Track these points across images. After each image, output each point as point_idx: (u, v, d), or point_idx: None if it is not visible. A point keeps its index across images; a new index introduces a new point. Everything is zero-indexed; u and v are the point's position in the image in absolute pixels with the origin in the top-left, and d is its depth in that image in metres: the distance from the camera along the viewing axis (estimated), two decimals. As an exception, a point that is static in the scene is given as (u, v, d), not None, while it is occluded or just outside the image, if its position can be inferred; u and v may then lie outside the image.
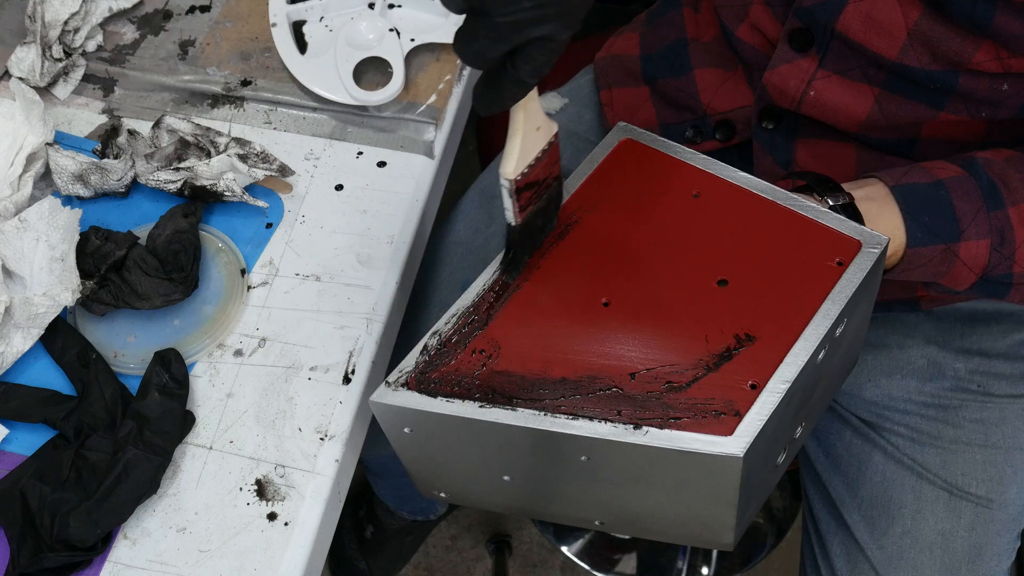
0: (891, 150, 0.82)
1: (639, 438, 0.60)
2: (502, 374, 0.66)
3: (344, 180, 0.89)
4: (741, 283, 0.67)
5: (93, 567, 0.72)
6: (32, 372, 0.80)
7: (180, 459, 0.76)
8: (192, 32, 0.98)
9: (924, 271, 0.73)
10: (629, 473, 0.64)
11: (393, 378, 0.68)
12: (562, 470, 0.66)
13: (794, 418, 0.67)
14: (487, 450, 0.68)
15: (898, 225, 0.72)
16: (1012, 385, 0.90)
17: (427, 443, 0.70)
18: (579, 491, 0.68)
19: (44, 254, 0.81)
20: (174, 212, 0.84)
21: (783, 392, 0.61)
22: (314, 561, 0.74)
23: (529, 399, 0.64)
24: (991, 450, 0.89)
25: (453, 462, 0.71)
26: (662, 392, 0.62)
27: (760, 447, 0.60)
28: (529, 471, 0.68)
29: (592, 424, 0.62)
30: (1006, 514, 0.89)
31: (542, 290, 0.70)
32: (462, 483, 0.73)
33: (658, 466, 0.62)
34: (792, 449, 0.70)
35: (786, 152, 0.85)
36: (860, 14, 0.75)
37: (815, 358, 0.63)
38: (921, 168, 0.74)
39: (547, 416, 0.63)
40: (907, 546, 0.89)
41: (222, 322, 0.81)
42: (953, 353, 0.91)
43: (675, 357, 0.64)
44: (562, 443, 0.63)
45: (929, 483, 0.89)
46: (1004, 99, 0.74)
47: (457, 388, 0.66)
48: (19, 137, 0.87)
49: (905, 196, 0.72)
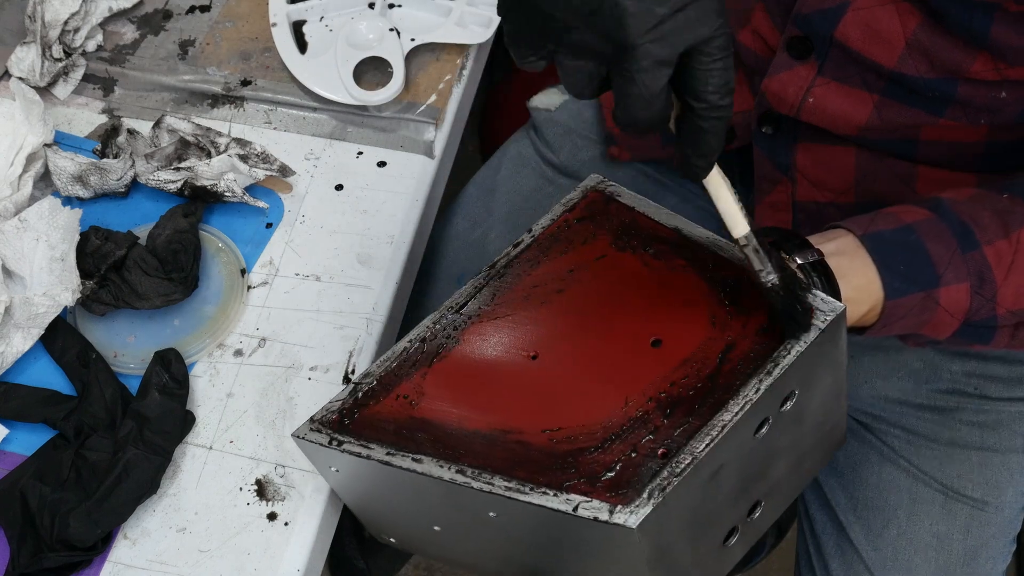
0: (891, 151, 0.82)
1: (534, 498, 0.57)
2: (420, 421, 0.65)
3: (344, 180, 0.89)
4: (675, 344, 0.63)
5: (93, 567, 0.72)
6: (32, 372, 0.80)
7: (180, 459, 0.76)
8: (192, 32, 0.98)
9: (905, 323, 0.70)
10: (541, 535, 0.61)
11: (318, 415, 0.68)
12: (479, 524, 0.63)
13: (738, 496, 0.62)
14: (409, 498, 0.66)
15: (873, 279, 0.68)
16: (1008, 388, 0.90)
17: (356, 484, 0.69)
18: (505, 548, 0.66)
19: (44, 254, 0.81)
20: (174, 212, 0.84)
21: (692, 464, 0.56)
22: (314, 561, 0.74)
23: (439, 449, 0.62)
24: (987, 453, 0.89)
25: (386, 507, 0.70)
26: (569, 452, 0.59)
27: (671, 523, 0.56)
28: (453, 523, 0.66)
29: (491, 479, 0.59)
30: (1002, 517, 0.90)
31: (479, 339, 0.68)
32: (402, 529, 0.72)
33: (564, 531, 0.59)
34: (750, 531, 0.65)
35: (786, 156, 0.85)
36: (859, 23, 0.75)
37: (746, 432, 0.59)
38: (887, 214, 0.71)
39: (448, 468, 0.60)
40: (902, 548, 0.89)
41: (222, 322, 0.81)
42: (949, 355, 0.91)
43: (590, 417, 0.60)
44: (469, 498, 0.60)
45: (925, 485, 0.89)
46: (1002, 106, 0.74)
47: (374, 432, 0.65)
48: (19, 137, 0.87)
49: (876, 245, 0.69)
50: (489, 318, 0.69)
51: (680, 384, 0.60)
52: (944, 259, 0.69)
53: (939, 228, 0.70)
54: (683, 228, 0.68)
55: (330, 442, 0.66)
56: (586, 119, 1.03)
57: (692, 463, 0.56)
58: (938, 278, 0.68)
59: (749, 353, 0.61)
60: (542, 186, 1.02)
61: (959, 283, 0.69)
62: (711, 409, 0.58)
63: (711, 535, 0.62)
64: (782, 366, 0.59)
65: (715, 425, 0.57)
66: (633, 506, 0.54)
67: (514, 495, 0.58)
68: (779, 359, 0.59)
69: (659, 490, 0.55)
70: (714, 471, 0.58)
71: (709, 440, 0.56)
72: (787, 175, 0.86)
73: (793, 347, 0.59)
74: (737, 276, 0.64)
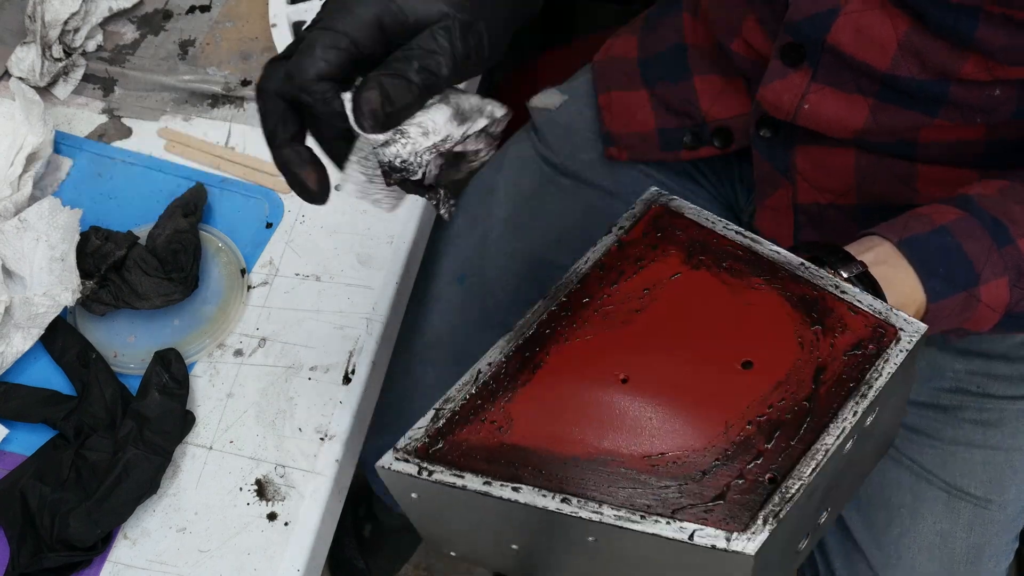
0: (891, 152, 0.82)
1: (647, 526, 0.57)
2: (513, 448, 0.64)
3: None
4: (766, 367, 0.63)
5: (93, 567, 0.72)
6: (32, 372, 0.80)
7: (180, 459, 0.76)
8: (192, 32, 0.98)
9: (948, 322, 0.71)
10: (637, 560, 0.61)
11: (401, 444, 0.66)
12: (569, 548, 0.64)
13: (818, 508, 0.63)
14: (494, 521, 0.65)
15: (915, 285, 0.69)
16: (1012, 386, 0.90)
17: (434, 509, 0.68)
18: (589, 568, 0.65)
19: (44, 254, 0.81)
20: (174, 212, 0.84)
21: (801, 489, 0.57)
22: (314, 561, 0.74)
23: (537, 476, 0.62)
24: (990, 451, 0.89)
25: (461, 527, 0.69)
26: (675, 480, 0.59)
27: (775, 542, 0.57)
28: (536, 544, 0.66)
29: (598, 508, 0.59)
30: (1005, 515, 0.89)
31: (562, 362, 0.67)
32: (471, 546, 0.71)
33: (666, 557, 0.59)
34: (816, 535, 0.67)
35: (785, 159, 0.85)
36: (850, 27, 0.75)
37: (840, 450, 0.60)
38: (919, 216, 0.72)
39: (552, 497, 0.60)
40: (905, 546, 0.89)
41: (222, 322, 0.81)
42: (952, 354, 0.91)
43: (692, 443, 0.61)
44: (568, 524, 0.60)
45: (928, 483, 0.89)
46: (997, 104, 0.74)
47: (464, 459, 0.64)
48: (19, 137, 0.87)
49: (914, 251, 0.70)
50: (570, 339, 0.68)
51: (778, 407, 0.61)
52: (981, 257, 0.70)
53: (972, 226, 0.71)
54: (753, 246, 0.68)
55: (419, 472, 0.64)
56: (586, 119, 1.03)
57: (801, 488, 0.57)
58: (977, 276, 0.70)
59: (841, 375, 0.62)
60: (542, 186, 1.02)
61: (998, 279, 0.70)
62: (811, 433, 0.59)
63: (793, 543, 0.63)
64: (875, 388, 0.60)
65: (819, 449, 0.58)
66: (749, 533, 0.56)
67: (624, 524, 0.58)
68: (872, 382, 0.61)
69: (773, 516, 0.56)
70: (812, 491, 0.59)
71: (815, 464, 0.58)
72: (787, 177, 0.86)
73: (884, 368, 0.61)
74: (815, 295, 0.65)
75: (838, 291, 0.65)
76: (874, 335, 0.63)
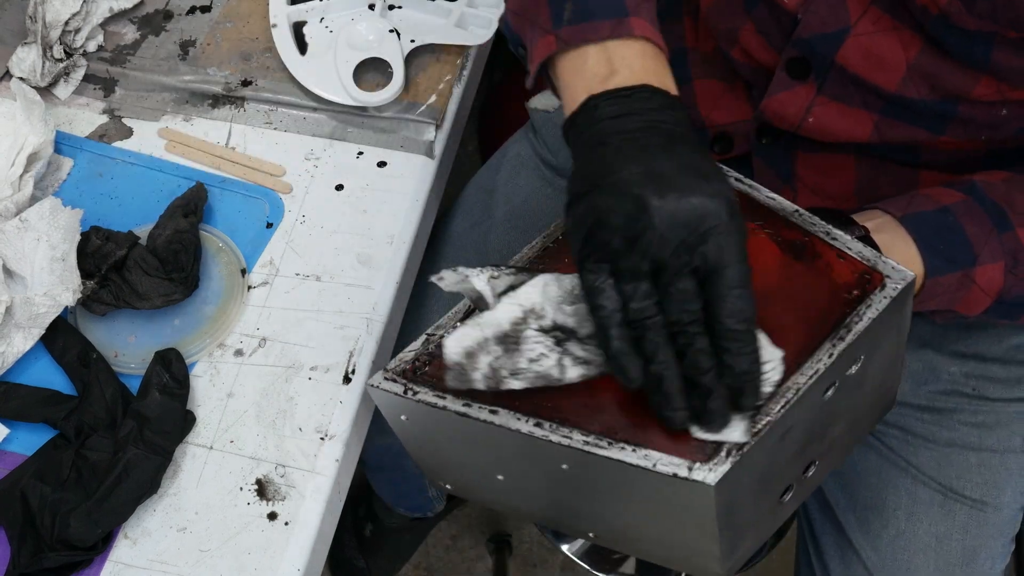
0: (892, 159, 0.82)
1: (612, 452, 0.59)
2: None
3: (344, 180, 0.89)
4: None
5: (93, 567, 0.72)
6: (33, 372, 0.80)
7: (180, 459, 0.76)
8: (192, 32, 0.98)
9: (940, 300, 0.72)
10: (610, 488, 0.62)
11: (391, 365, 0.68)
12: (548, 476, 0.65)
13: (798, 455, 0.64)
14: (478, 447, 0.67)
15: (913, 256, 0.70)
16: (1007, 389, 0.90)
17: (423, 433, 0.70)
18: (568, 499, 0.67)
19: (45, 254, 0.81)
20: (174, 212, 0.84)
21: (766, 426, 0.57)
22: (314, 561, 0.74)
23: (515, 400, 0.63)
24: (985, 453, 0.89)
25: (451, 454, 0.71)
26: (645, 408, 0.60)
27: (743, 479, 0.58)
28: (520, 473, 0.68)
29: (569, 433, 0.60)
30: (1000, 517, 0.90)
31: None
32: (463, 476, 0.73)
33: (635, 485, 0.60)
34: (803, 489, 0.67)
35: (786, 165, 0.85)
36: (860, 47, 0.74)
37: (816, 395, 0.60)
38: (923, 196, 0.73)
39: (526, 421, 0.62)
40: (901, 548, 0.89)
41: (222, 322, 0.81)
42: (948, 356, 0.91)
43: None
44: (542, 448, 0.62)
45: (923, 485, 0.89)
46: (1003, 123, 0.74)
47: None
48: (20, 137, 0.87)
49: (916, 225, 0.71)
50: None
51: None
52: (981, 240, 0.71)
53: (975, 209, 0.72)
54: (751, 193, 0.69)
55: (404, 391, 0.66)
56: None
57: (768, 424, 0.58)
58: (975, 258, 0.71)
59: (821, 315, 0.62)
60: (541, 187, 1.02)
61: (994, 263, 0.71)
62: (786, 373, 0.60)
63: (771, 492, 0.64)
64: (854, 332, 0.60)
65: (790, 387, 0.59)
66: (712, 464, 0.56)
67: (592, 449, 0.59)
68: (851, 325, 0.61)
69: (736, 449, 0.57)
70: (784, 432, 0.59)
71: (784, 402, 0.58)
72: (788, 183, 0.86)
73: (865, 313, 0.61)
74: (805, 240, 0.66)
75: (828, 237, 0.65)
76: (859, 281, 0.63)
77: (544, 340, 0.62)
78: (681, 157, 0.60)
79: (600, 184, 0.59)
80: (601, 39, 0.66)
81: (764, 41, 0.81)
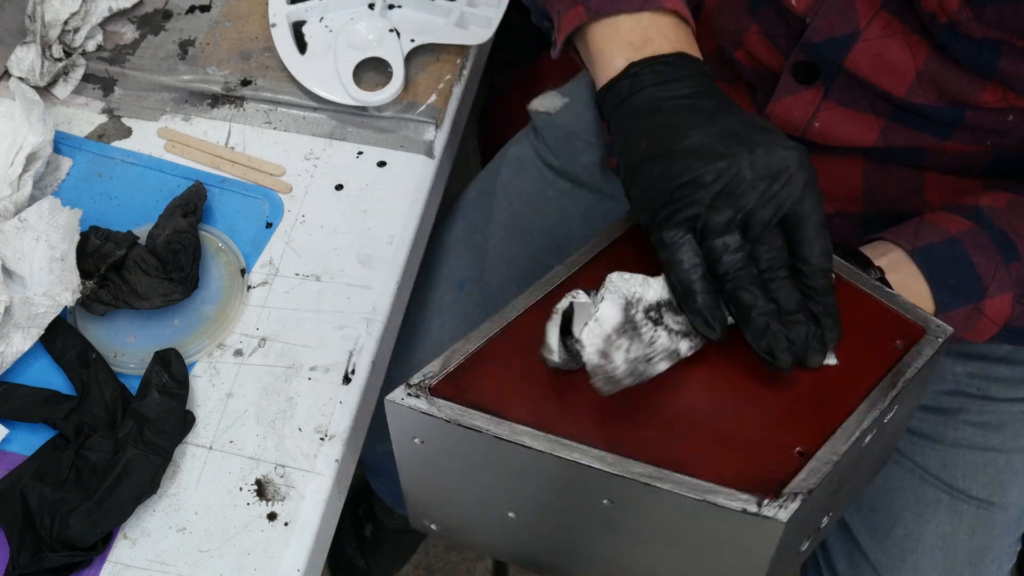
0: (898, 162, 0.82)
1: (676, 486, 0.56)
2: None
3: (344, 180, 0.89)
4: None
5: (93, 567, 0.72)
6: (32, 372, 0.80)
7: (180, 459, 0.76)
8: (192, 32, 0.98)
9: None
10: (654, 526, 0.59)
11: (415, 380, 0.63)
12: (577, 512, 0.61)
13: (827, 502, 0.63)
14: (499, 476, 0.62)
15: (925, 294, 0.71)
16: (1012, 389, 0.90)
17: (434, 458, 0.65)
18: (588, 540, 0.63)
19: (44, 254, 0.81)
20: (174, 212, 0.84)
21: (832, 463, 0.57)
22: (314, 561, 0.74)
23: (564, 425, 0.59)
24: (991, 453, 0.89)
25: (456, 486, 0.66)
26: (710, 443, 0.58)
27: (800, 518, 0.56)
28: (539, 509, 0.63)
29: (627, 462, 0.57)
30: (1007, 517, 0.89)
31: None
32: (459, 514, 0.69)
33: (689, 521, 0.57)
34: (817, 538, 0.66)
35: None
36: (869, 53, 0.74)
37: (863, 438, 0.60)
38: (930, 224, 0.73)
39: (580, 445, 0.58)
40: (908, 548, 0.89)
41: (222, 322, 0.81)
42: (953, 357, 0.91)
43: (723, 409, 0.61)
44: (588, 479, 0.58)
45: (930, 485, 0.89)
46: (1009, 129, 0.74)
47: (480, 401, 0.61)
48: (19, 137, 0.87)
49: (926, 260, 0.71)
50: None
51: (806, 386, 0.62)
52: (989, 272, 0.71)
53: (982, 240, 0.72)
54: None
55: (430, 409, 0.61)
56: (587, 123, 1.03)
57: (833, 463, 0.57)
58: (984, 290, 0.71)
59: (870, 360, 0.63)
60: (542, 189, 1.02)
61: (1003, 294, 0.72)
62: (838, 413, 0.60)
63: (800, 538, 0.62)
64: (904, 379, 0.61)
65: (851, 428, 0.59)
66: (782, 500, 0.55)
67: (654, 482, 0.56)
68: (903, 372, 0.62)
69: (806, 485, 0.56)
70: (835, 473, 0.59)
71: (846, 442, 0.58)
72: None
73: (913, 363, 0.62)
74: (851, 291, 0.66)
75: (872, 291, 0.67)
76: (900, 331, 0.64)
77: (648, 320, 0.61)
78: (743, 116, 0.63)
79: (673, 148, 0.61)
80: (634, 9, 0.68)
81: (769, 43, 0.81)
